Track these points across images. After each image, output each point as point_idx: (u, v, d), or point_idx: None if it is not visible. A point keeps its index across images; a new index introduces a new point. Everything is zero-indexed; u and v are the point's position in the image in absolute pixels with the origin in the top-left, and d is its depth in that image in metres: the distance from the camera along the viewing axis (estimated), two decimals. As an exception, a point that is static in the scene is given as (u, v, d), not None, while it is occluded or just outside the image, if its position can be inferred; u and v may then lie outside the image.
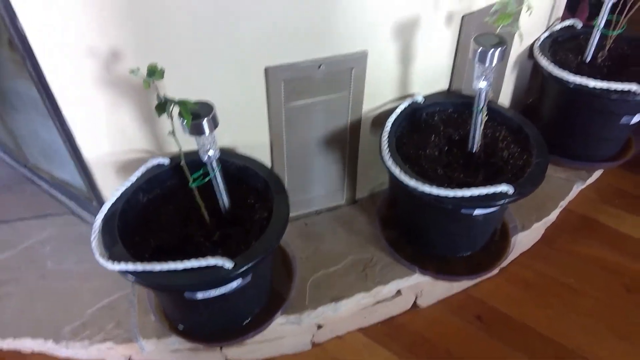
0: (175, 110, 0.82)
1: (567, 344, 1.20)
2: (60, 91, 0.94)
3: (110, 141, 1.03)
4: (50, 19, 0.84)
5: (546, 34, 1.42)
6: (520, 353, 1.20)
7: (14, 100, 1.19)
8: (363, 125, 1.20)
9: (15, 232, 1.30)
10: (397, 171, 1.03)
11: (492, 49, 0.92)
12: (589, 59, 1.36)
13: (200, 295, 0.91)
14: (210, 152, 0.89)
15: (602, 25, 1.30)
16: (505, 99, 1.48)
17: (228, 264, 0.86)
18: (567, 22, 1.46)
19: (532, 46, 1.39)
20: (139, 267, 0.85)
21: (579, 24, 1.46)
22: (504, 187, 0.98)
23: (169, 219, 1.00)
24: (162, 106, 0.82)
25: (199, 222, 0.99)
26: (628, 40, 1.41)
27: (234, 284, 0.92)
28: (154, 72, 0.80)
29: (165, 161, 1.03)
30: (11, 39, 0.89)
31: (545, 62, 1.32)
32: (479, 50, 0.93)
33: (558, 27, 1.45)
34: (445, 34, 1.13)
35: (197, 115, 0.83)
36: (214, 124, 0.85)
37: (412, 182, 1.01)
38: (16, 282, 1.20)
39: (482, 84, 0.99)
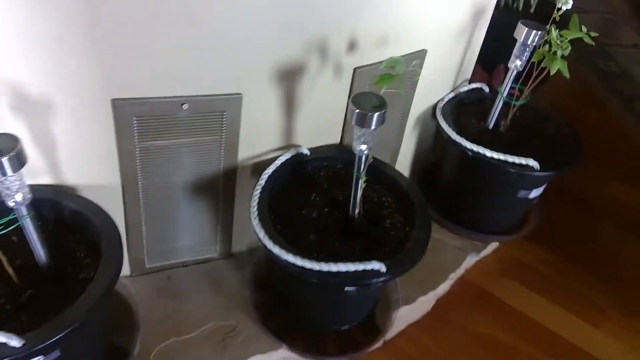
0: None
1: None
2: None
3: None
4: None
5: (451, 95, 1.36)
6: None
7: None
8: (240, 173, 1.06)
9: None
10: (261, 234, 0.90)
11: (371, 112, 0.82)
12: (491, 126, 1.31)
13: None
14: (18, 197, 0.72)
15: (505, 93, 1.26)
16: (405, 158, 1.40)
17: (15, 342, 0.67)
18: (475, 85, 1.42)
19: (435, 106, 1.33)
20: None
21: (486, 88, 1.42)
22: (375, 265, 0.87)
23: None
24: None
25: (8, 281, 0.80)
26: (533, 110, 1.38)
27: (32, 363, 0.74)
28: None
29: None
30: None
31: (445, 126, 1.25)
32: (356, 112, 0.82)
33: (465, 88, 1.40)
34: (335, 86, 1.03)
35: (-6, 152, 0.66)
36: (19, 163, 0.68)
37: (275, 249, 0.87)
38: None
39: (362, 147, 0.88)
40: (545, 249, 1.51)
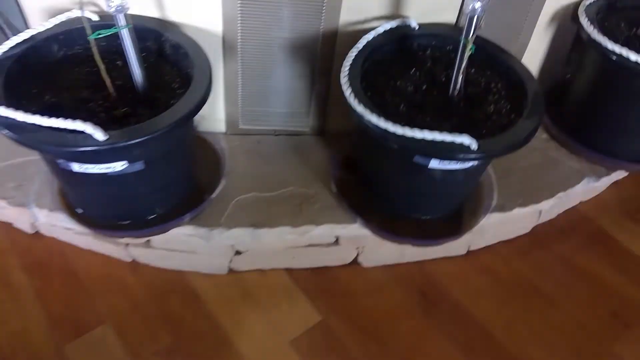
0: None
1: (516, 354, 1.01)
2: None
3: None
4: None
5: (602, -5, 1.15)
6: (454, 344, 1.02)
7: None
8: (340, 41, 1.01)
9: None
10: (347, 92, 0.85)
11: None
12: (645, 33, 1.10)
13: (76, 166, 0.79)
14: (114, 2, 0.74)
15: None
16: (533, 59, 1.23)
17: (100, 135, 0.72)
18: (634, -12, 1.18)
19: (578, 4, 1.13)
20: (1, 110, 0.73)
21: (649, -7, 1.18)
22: (465, 139, 0.78)
23: (77, 80, 0.87)
24: None
25: (107, 92, 0.86)
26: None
27: (117, 165, 0.79)
28: None
29: (89, 16, 0.89)
30: None
31: (586, 23, 1.07)
32: (475, -44, 0.72)
33: (621, -10, 1.18)
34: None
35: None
36: (119, -37, 0.70)
37: (359, 108, 0.83)
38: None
39: (476, 5, 0.78)
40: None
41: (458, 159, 0.82)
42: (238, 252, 1.06)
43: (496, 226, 1.12)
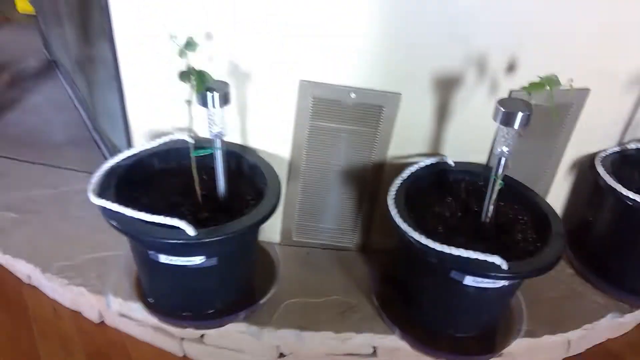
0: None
1: None
2: (123, 55, 1.08)
3: (150, 110, 1.15)
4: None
5: (616, 149, 1.33)
6: None
7: (97, 68, 1.38)
8: (387, 171, 1.19)
9: (61, 177, 1.46)
10: (394, 211, 1.01)
11: (516, 111, 0.89)
12: (656, 183, 1.25)
13: (163, 257, 0.94)
14: (216, 129, 0.95)
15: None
16: (556, 202, 1.38)
17: (191, 231, 0.88)
18: (644, 144, 1.36)
19: (594, 156, 1.31)
20: (114, 207, 0.90)
21: (659, 150, 1.35)
22: (496, 260, 0.91)
23: (171, 188, 1.06)
24: (186, 74, 0.91)
25: (194, 199, 1.03)
26: None
27: (197, 259, 0.94)
28: (191, 44, 0.90)
29: (189, 140, 1.11)
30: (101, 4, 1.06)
31: (602, 171, 1.23)
32: (502, 111, 0.91)
33: (633, 146, 1.35)
34: (489, 104, 1.11)
35: (211, 89, 0.90)
36: (224, 101, 0.92)
37: (403, 226, 0.97)
38: (38, 215, 1.33)
39: (504, 148, 0.95)
40: None
41: (490, 277, 0.93)
42: (281, 355, 1.14)
43: (526, 353, 1.17)
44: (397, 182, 1.10)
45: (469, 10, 1.00)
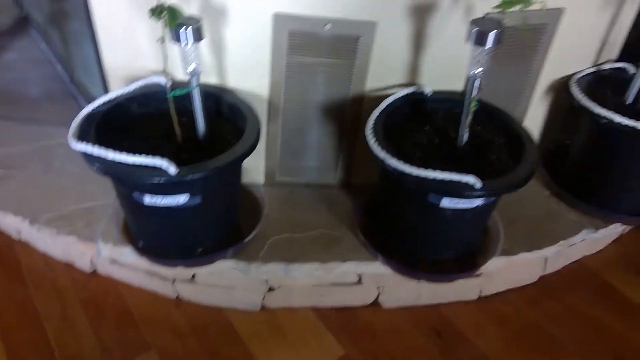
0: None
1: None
2: (97, 7, 1.07)
3: (126, 55, 1.13)
4: None
5: (591, 70, 1.35)
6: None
7: (70, 20, 1.35)
8: (366, 104, 1.20)
9: (41, 132, 1.46)
10: (371, 141, 1.03)
11: (489, 30, 0.90)
12: (629, 101, 1.27)
13: (147, 199, 0.96)
14: (191, 66, 0.95)
15: (647, 67, 1.22)
16: (533, 124, 1.41)
17: (172, 169, 0.89)
18: (619, 65, 1.38)
19: (569, 77, 1.33)
20: (95, 151, 0.91)
21: (632, 69, 1.37)
22: (470, 179, 0.94)
23: (150, 131, 1.07)
24: (156, 10, 0.89)
25: (174, 141, 1.04)
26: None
27: (181, 198, 0.96)
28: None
29: (166, 82, 1.11)
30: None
31: (577, 92, 1.25)
32: (475, 30, 0.91)
33: (607, 66, 1.37)
34: (464, 29, 1.11)
35: (182, 24, 0.89)
36: (198, 36, 0.91)
37: (381, 154, 1.00)
38: (22, 169, 1.34)
39: (477, 69, 0.96)
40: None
41: (465, 196, 0.96)
42: (271, 289, 1.18)
43: (504, 271, 1.23)
44: (375, 113, 1.11)
45: None
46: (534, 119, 1.39)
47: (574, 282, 1.34)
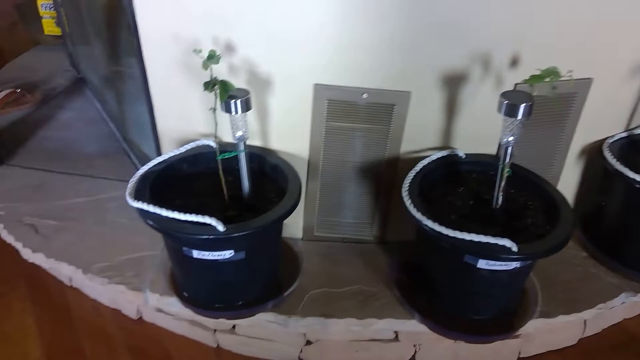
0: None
1: None
2: (151, 70, 1.17)
3: (178, 119, 1.24)
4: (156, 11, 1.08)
5: (623, 134, 1.38)
6: None
7: (126, 83, 1.48)
8: (401, 166, 1.25)
9: (95, 186, 1.57)
10: (407, 202, 1.07)
11: (518, 103, 0.95)
12: (664, 164, 1.29)
13: (195, 253, 1.02)
14: (239, 133, 1.03)
15: (681, 131, 1.24)
16: (568, 188, 1.42)
17: (220, 227, 0.96)
18: (653, 128, 1.40)
19: (602, 142, 1.35)
20: (150, 208, 0.99)
21: (666, 133, 1.39)
22: (506, 242, 0.96)
23: (200, 189, 1.15)
24: (209, 84, 0.99)
25: (222, 199, 1.12)
26: None
27: (226, 253, 1.02)
28: (213, 57, 0.98)
29: (215, 144, 1.19)
30: (129, 24, 1.15)
31: (609, 156, 1.28)
32: (505, 103, 0.97)
33: (639, 131, 1.39)
34: (495, 98, 1.15)
35: (233, 96, 0.98)
36: (246, 107, 1.00)
37: (417, 215, 1.04)
38: (77, 221, 1.43)
39: (509, 138, 1.01)
40: None
41: (501, 259, 0.99)
42: (308, 343, 1.21)
43: (543, 333, 1.22)
44: (411, 175, 1.16)
45: (469, 9, 1.07)
46: (568, 182, 1.41)
47: (615, 345, 1.31)
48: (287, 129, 1.22)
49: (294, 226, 1.36)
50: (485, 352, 1.22)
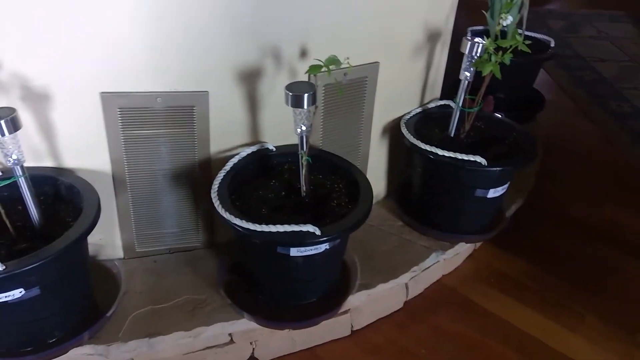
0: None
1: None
2: None
3: None
4: None
5: (418, 110, 1.51)
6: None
7: None
8: (214, 165, 1.23)
9: None
10: (217, 204, 1.06)
11: (303, 93, 0.99)
12: (452, 134, 1.44)
13: None
14: (14, 156, 0.92)
15: (460, 103, 1.39)
16: (378, 166, 1.53)
17: (-1, 264, 0.85)
18: (442, 102, 1.56)
19: (399, 119, 1.47)
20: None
21: (453, 105, 1.56)
22: (309, 227, 1.00)
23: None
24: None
25: (7, 235, 0.99)
26: (498, 123, 1.50)
27: (15, 293, 0.91)
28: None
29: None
30: None
31: (405, 132, 1.40)
32: (291, 95, 1.00)
33: (432, 104, 1.55)
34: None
35: (-6, 117, 0.87)
36: (13, 127, 0.89)
37: (225, 215, 1.03)
38: None
39: (302, 127, 1.04)
40: (526, 262, 1.58)
41: (309, 244, 1.02)
42: (138, 365, 1.15)
43: (369, 304, 1.30)
44: (220, 175, 1.15)
45: (251, 2, 1.07)
46: (377, 160, 1.52)
47: (437, 302, 1.45)
48: (82, 145, 1.13)
49: (111, 246, 1.27)
50: (319, 332, 1.26)
